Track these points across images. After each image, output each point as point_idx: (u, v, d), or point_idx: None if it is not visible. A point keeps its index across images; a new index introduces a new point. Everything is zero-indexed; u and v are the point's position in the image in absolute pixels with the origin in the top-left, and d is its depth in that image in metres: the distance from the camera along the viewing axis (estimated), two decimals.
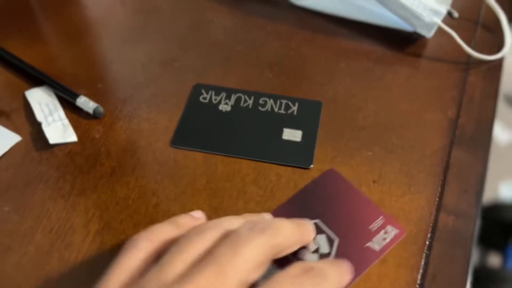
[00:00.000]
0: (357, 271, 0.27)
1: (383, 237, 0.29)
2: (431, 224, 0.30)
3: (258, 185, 0.32)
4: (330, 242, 0.28)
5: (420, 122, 0.35)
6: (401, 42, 0.41)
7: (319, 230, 0.29)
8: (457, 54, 0.39)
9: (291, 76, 0.39)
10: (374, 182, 0.32)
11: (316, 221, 0.29)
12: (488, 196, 1.10)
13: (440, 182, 0.32)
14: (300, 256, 0.28)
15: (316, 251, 0.28)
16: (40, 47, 0.41)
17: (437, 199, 0.31)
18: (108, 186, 0.32)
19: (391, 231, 0.29)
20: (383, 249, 0.28)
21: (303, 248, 0.28)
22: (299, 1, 0.44)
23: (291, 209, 0.30)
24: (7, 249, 0.29)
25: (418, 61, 0.40)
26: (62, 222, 0.31)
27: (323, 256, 0.28)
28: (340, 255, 0.28)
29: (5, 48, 0.40)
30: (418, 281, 0.28)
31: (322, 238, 0.29)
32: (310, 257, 0.28)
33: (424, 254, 0.29)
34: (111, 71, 0.40)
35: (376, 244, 0.28)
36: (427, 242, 0.29)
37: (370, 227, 0.29)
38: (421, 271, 0.28)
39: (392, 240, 0.29)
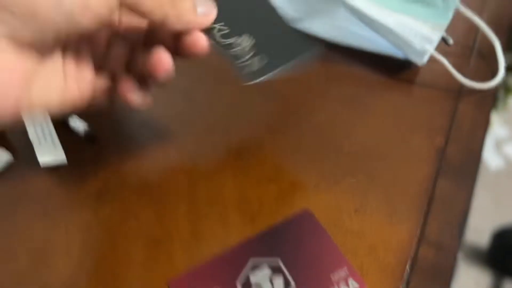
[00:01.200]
0: None
1: None
2: (411, 256, 0.30)
3: (240, 211, 0.32)
4: (286, 284, 0.28)
5: (407, 150, 0.35)
6: (393, 68, 0.41)
7: (277, 270, 0.29)
8: (450, 81, 0.39)
9: (278, 100, 0.39)
10: (355, 211, 0.32)
11: (276, 259, 0.29)
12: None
13: (424, 213, 0.32)
14: None
15: None
16: None
17: (419, 231, 0.31)
18: (94, 207, 0.33)
19: (352, 285, 0.28)
20: None
21: (258, 287, 0.28)
22: (294, 24, 0.44)
23: (254, 244, 0.30)
24: None
25: (410, 88, 0.40)
26: (47, 241, 0.31)
27: None
28: None
29: None
30: None
31: (279, 280, 0.28)
32: None
33: None
34: None
35: None
36: (405, 275, 0.29)
37: (331, 275, 0.28)
38: None
39: None
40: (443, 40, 0.41)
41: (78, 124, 0.36)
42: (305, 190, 0.33)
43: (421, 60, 0.39)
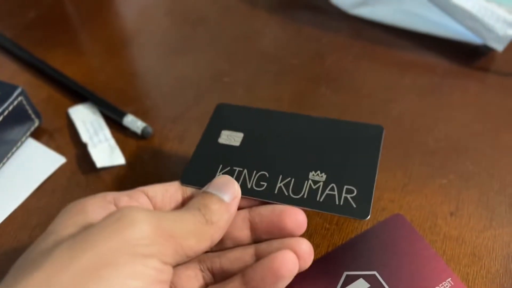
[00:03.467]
0: None
1: None
2: None
3: (323, 216, 0.29)
4: None
5: (496, 146, 0.32)
6: (467, 55, 0.38)
7: (376, 284, 0.26)
8: None
9: (350, 92, 0.36)
10: (451, 214, 0.29)
11: (373, 272, 0.26)
12: None
13: None
14: None
15: None
16: (82, 60, 0.39)
17: None
18: None
19: None
20: None
21: None
22: (353, 10, 0.41)
23: (347, 254, 0.27)
24: None
25: (488, 76, 0.37)
26: None
27: None
28: None
29: (46, 62, 0.38)
30: None
31: None
32: None
33: None
34: (159, 86, 0.37)
35: None
36: None
37: None
38: None
39: None
40: None
41: (134, 122, 0.33)
42: (392, 192, 0.30)
43: (502, 46, 0.36)
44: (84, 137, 0.33)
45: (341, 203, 0.25)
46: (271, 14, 0.42)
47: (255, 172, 0.27)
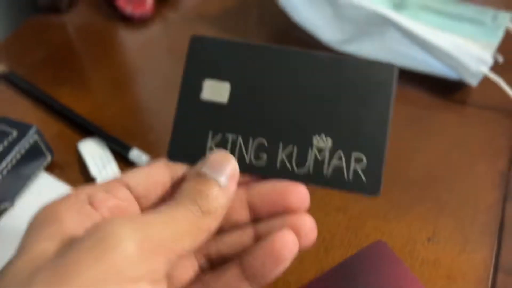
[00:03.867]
0: None
1: None
2: (490, 286, 0.30)
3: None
4: None
5: (471, 175, 0.35)
6: (445, 89, 0.41)
7: None
8: (505, 101, 0.39)
9: None
10: (428, 240, 0.32)
11: None
12: None
13: (496, 240, 0.32)
14: None
15: None
16: (89, 97, 0.43)
17: (494, 259, 0.31)
18: None
19: None
20: None
21: None
22: (341, 46, 0.44)
23: (330, 281, 0.30)
24: None
25: (465, 109, 0.40)
26: None
27: None
28: None
29: (56, 98, 0.42)
30: None
31: None
32: None
33: None
34: (161, 121, 0.40)
35: None
36: None
37: None
38: None
39: None
40: (493, 58, 0.41)
41: (139, 156, 0.36)
42: (375, 219, 0.33)
43: (476, 81, 0.39)
44: (94, 171, 0.36)
45: (350, 177, 0.23)
46: None
47: (251, 139, 0.23)
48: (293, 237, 0.21)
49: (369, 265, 0.30)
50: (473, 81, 0.39)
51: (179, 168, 0.23)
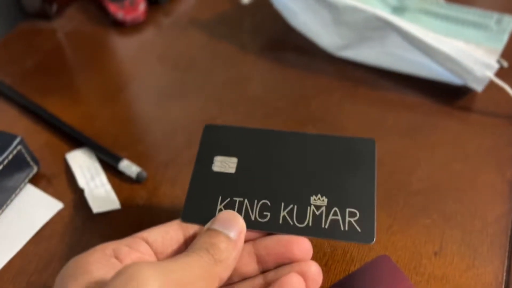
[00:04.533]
0: None
1: None
2: None
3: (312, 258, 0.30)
4: None
5: (477, 185, 0.34)
6: (448, 95, 0.40)
7: None
8: (511, 107, 0.38)
9: (335, 133, 0.37)
10: (435, 254, 0.30)
11: None
12: None
13: (507, 253, 0.30)
14: None
15: None
16: (79, 106, 0.41)
17: (505, 274, 0.29)
18: None
19: None
20: None
21: None
22: (339, 52, 0.43)
23: None
24: None
25: (469, 116, 0.38)
26: None
27: None
28: None
29: (45, 107, 0.40)
30: None
31: None
32: None
33: None
34: (151, 131, 0.39)
35: None
36: None
37: None
38: None
39: None
40: (498, 62, 0.40)
41: (129, 167, 0.35)
42: (378, 233, 0.31)
43: (481, 87, 0.38)
44: (81, 182, 0.35)
45: (346, 228, 0.25)
46: (259, 57, 0.44)
47: (256, 201, 0.26)
48: (300, 279, 0.24)
49: (372, 281, 0.29)
50: (478, 87, 0.38)
51: (191, 228, 0.26)
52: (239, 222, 0.25)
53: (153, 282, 0.19)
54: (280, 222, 0.26)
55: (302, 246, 0.25)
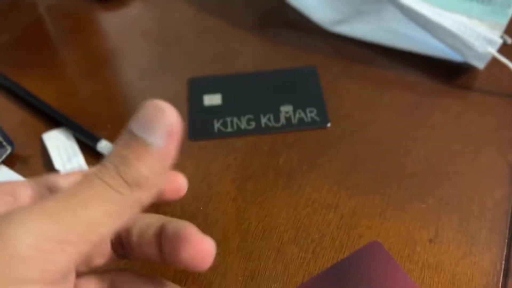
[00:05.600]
0: None
1: None
2: None
3: (298, 245, 0.29)
4: None
5: (477, 167, 0.32)
6: (448, 73, 0.37)
7: None
8: None
9: (329, 113, 0.35)
10: (430, 241, 0.28)
11: None
12: None
13: (506, 240, 0.28)
14: None
15: None
16: (57, 82, 0.39)
17: (504, 262, 0.27)
18: None
19: None
20: None
21: None
22: (334, 27, 0.40)
23: (324, 283, 0.27)
24: None
25: (470, 95, 0.36)
26: None
27: None
28: None
29: (21, 84, 0.38)
30: None
31: None
32: None
33: None
34: (133, 109, 0.37)
35: None
36: None
37: None
38: None
39: None
40: (501, 39, 0.37)
41: (107, 148, 0.33)
42: (370, 218, 0.29)
43: (482, 64, 0.36)
44: (57, 164, 0.33)
45: (309, 120, 0.35)
46: (250, 32, 0.41)
47: (242, 117, 0.35)
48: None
49: (363, 268, 0.27)
50: (480, 64, 0.36)
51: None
52: (168, 119, 0.17)
53: (22, 242, 0.15)
54: (263, 126, 0.35)
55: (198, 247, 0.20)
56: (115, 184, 0.16)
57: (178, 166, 0.32)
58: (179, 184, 0.21)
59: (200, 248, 0.19)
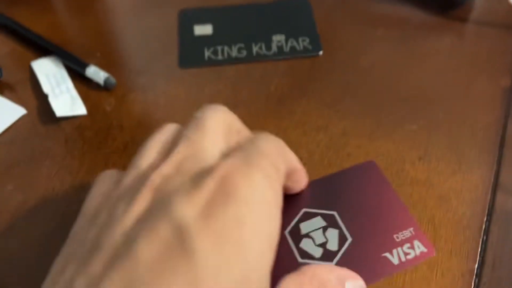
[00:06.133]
0: (366, 280, 0.22)
1: (406, 251, 0.24)
2: (488, 206, 0.26)
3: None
4: (342, 240, 0.24)
5: (470, 93, 0.31)
6: (443, 5, 0.37)
7: (333, 224, 0.25)
8: (510, 16, 0.35)
9: (322, 42, 0.35)
10: (419, 159, 0.28)
11: (332, 213, 0.25)
12: None
13: (496, 158, 0.28)
14: (302, 245, 0.24)
15: (323, 245, 0.24)
16: (48, 16, 0.38)
17: (493, 178, 0.27)
18: (120, 163, 0.29)
19: (418, 248, 0.24)
20: (403, 265, 0.24)
21: (309, 238, 0.24)
22: None
23: (309, 193, 0.26)
24: (10, 229, 0.27)
25: (465, 27, 0.36)
26: (68, 202, 0.27)
27: (329, 253, 0.24)
28: (349, 256, 0.24)
29: (11, 17, 0.37)
30: (475, 271, 0.24)
31: (333, 233, 0.25)
32: (314, 250, 0.24)
33: (481, 240, 0.25)
34: (124, 39, 0.36)
35: (395, 257, 0.24)
36: (484, 227, 0.25)
37: (395, 236, 0.24)
38: (478, 258, 0.24)
39: (416, 258, 0.24)
40: None
41: (96, 73, 0.32)
42: (359, 139, 0.29)
43: None
44: (46, 88, 0.32)
45: (302, 48, 0.34)
46: None
47: (233, 45, 0.35)
48: None
49: (353, 184, 0.27)
50: None
51: None
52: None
53: None
54: (254, 54, 0.34)
55: None
56: None
57: (169, 92, 0.32)
58: None
59: None
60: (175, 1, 0.39)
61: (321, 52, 0.34)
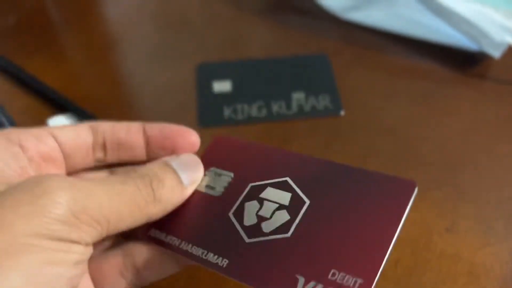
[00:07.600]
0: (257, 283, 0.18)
1: None
2: None
3: None
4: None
5: (494, 157, 0.31)
6: (463, 62, 0.37)
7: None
8: None
9: (342, 100, 0.35)
10: (447, 230, 0.28)
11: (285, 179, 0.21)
12: None
13: None
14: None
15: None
16: (63, 67, 0.38)
17: None
18: None
19: None
20: None
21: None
22: (344, 14, 0.40)
23: (317, 169, 0.22)
24: None
25: (484, 84, 0.35)
26: None
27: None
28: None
29: (25, 69, 0.37)
30: None
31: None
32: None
33: None
34: (139, 95, 0.36)
35: None
36: None
37: (333, 270, 0.17)
38: None
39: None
40: None
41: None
42: None
43: (498, 53, 0.35)
44: None
45: (322, 107, 0.34)
46: (258, 18, 0.41)
47: (253, 103, 0.34)
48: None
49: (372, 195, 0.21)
50: (495, 53, 0.35)
51: (100, 135, 0.23)
52: (198, 171, 0.22)
53: (63, 194, 0.17)
54: (274, 114, 0.34)
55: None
56: (144, 191, 0.19)
57: None
58: (192, 140, 0.23)
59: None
60: (191, 53, 0.38)
61: (342, 112, 0.34)
